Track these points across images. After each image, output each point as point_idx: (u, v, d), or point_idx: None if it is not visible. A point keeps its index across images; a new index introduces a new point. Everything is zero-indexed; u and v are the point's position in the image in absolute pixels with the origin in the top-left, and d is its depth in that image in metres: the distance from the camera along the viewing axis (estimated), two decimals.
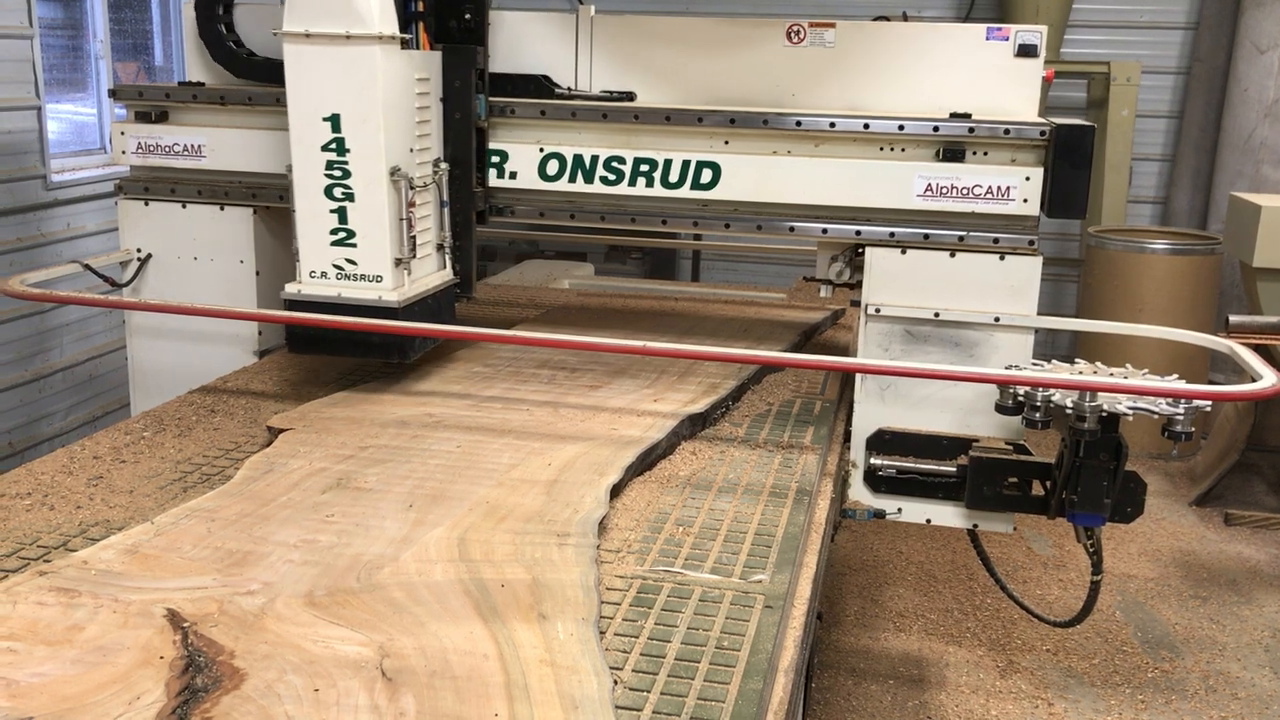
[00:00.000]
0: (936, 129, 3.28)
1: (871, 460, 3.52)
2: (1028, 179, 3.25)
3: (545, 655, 1.93)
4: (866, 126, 3.32)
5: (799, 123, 3.36)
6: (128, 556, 2.25)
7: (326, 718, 1.74)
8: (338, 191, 3.20)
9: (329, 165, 3.18)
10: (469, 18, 3.45)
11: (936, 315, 3.37)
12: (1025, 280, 3.32)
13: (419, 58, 3.32)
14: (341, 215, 3.21)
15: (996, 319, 3.34)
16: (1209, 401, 2.97)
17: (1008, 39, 3.38)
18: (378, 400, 3.33)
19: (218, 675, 1.84)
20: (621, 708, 1.84)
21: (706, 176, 3.43)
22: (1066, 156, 3.20)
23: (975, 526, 3.54)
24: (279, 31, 3.11)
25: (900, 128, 3.30)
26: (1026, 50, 3.38)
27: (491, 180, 3.59)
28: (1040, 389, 3.04)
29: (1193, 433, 2.93)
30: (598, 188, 3.51)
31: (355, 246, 3.23)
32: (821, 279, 3.72)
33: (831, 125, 3.34)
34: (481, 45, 3.49)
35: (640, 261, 8.69)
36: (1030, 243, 3.31)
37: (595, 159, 3.49)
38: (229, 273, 3.82)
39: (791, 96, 3.56)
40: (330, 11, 3.06)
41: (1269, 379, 2.80)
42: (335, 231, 3.23)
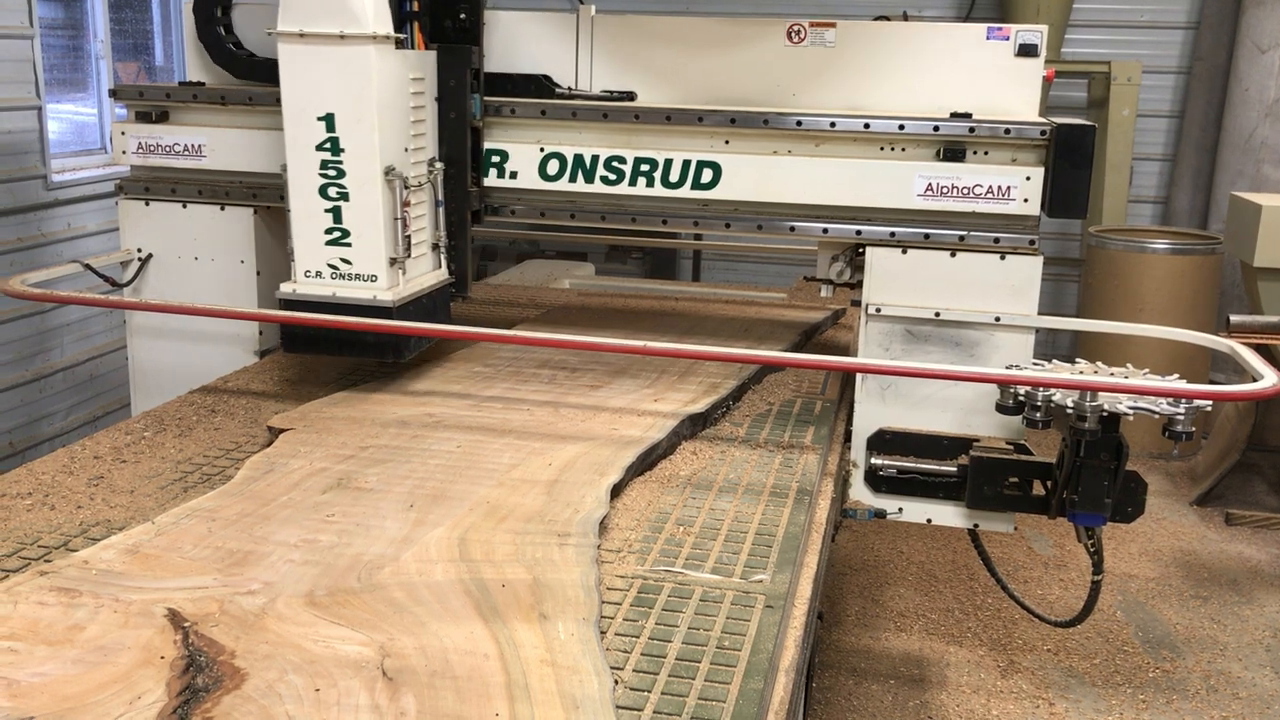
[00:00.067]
0: (937, 129, 3.28)
1: (872, 460, 3.52)
2: (1028, 179, 3.25)
3: (546, 655, 1.93)
4: (867, 126, 3.32)
5: (799, 122, 3.36)
6: (128, 556, 2.25)
7: (327, 717, 1.74)
8: (332, 191, 3.20)
9: (323, 165, 3.18)
10: (464, 17, 3.46)
11: (937, 315, 3.37)
12: (1026, 280, 3.32)
13: (413, 57, 3.32)
14: (336, 215, 3.21)
15: (997, 319, 3.34)
16: (1210, 401, 2.97)
17: (1008, 38, 3.38)
18: (378, 400, 3.33)
19: (218, 675, 1.84)
20: (622, 707, 1.84)
21: (707, 176, 3.43)
22: (1067, 156, 3.20)
23: (976, 526, 3.54)
24: (273, 31, 3.11)
25: (901, 127, 3.30)
26: (1027, 50, 3.38)
27: (492, 180, 3.59)
28: (1041, 389, 3.04)
29: (1193, 432, 2.93)
30: (598, 187, 3.51)
31: (350, 246, 3.23)
32: (822, 279, 3.72)
33: (832, 125, 3.34)
34: (476, 45, 3.49)
35: (641, 261, 8.69)
36: (1031, 242, 3.31)
37: (596, 159, 3.49)
38: (229, 273, 3.82)
39: (792, 96, 3.57)
40: (324, 11, 3.06)
41: (1270, 379, 2.80)
42: (330, 231, 3.23)
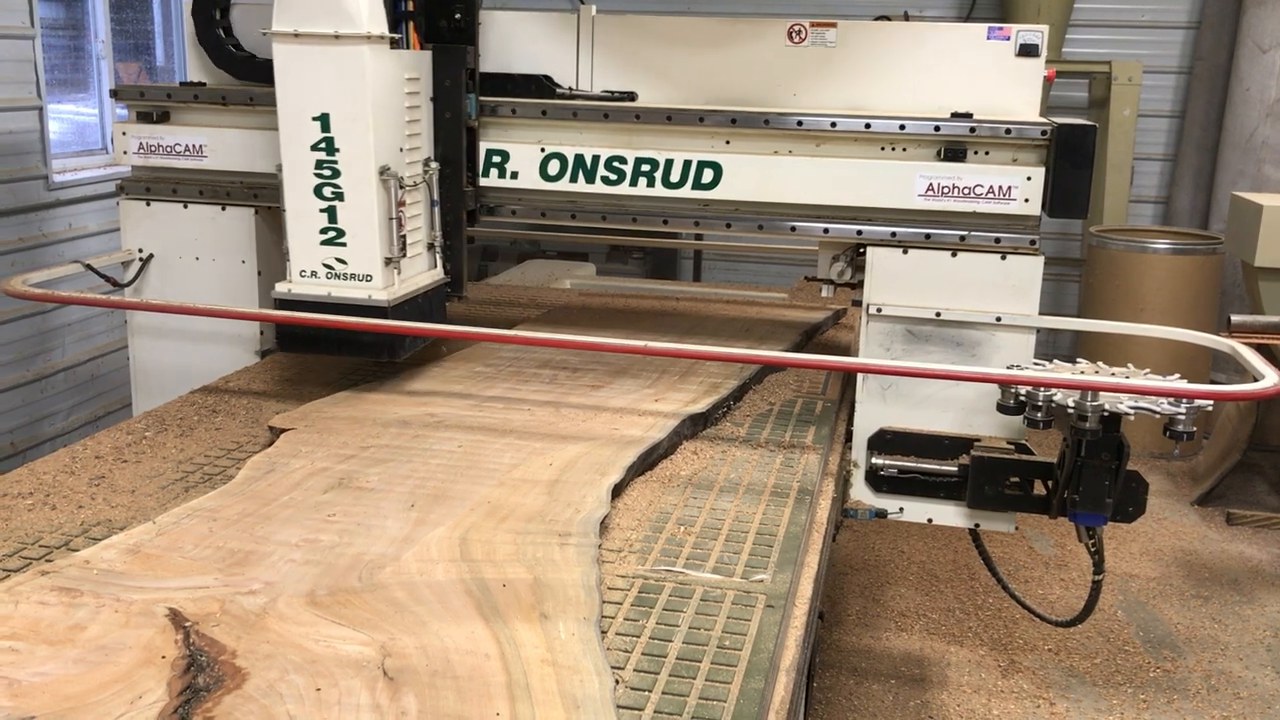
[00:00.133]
0: (938, 129, 3.28)
1: (873, 460, 3.52)
2: (1029, 179, 3.25)
3: (547, 655, 1.93)
4: (868, 126, 3.32)
5: (800, 122, 3.36)
6: (129, 556, 2.26)
7: (328, 717, 1.74)
8: (327, 191, 3.20)
9: (318, 164, 3.18)
10: (459, 17, 3.46)
11: (938, 315, 3.37)
12: (1027, 280, 3.31)
13: (409, 57, 3.32)
14: (331, 214, 3.22)
15: (998, 319, 3.33)
16: (1211, 401, 2.96)
17: (1009, 38, 3.38)
18: (379, 400, 3.33)
19: (219, 675, 1.84)
20: (623, 707, 1.84)
21: (708, 176, 3.43)
22: (1068, 156, 3.20)
23: (977, 526, 3.54)
24: (268, 31, 3.11)
25: (901, 127, 3.30)
26: (1028, 50, 3.38)
27: (493, 180, 3.59)
28: (1042, 389, 3.04)
29: (1194, 432, 2.93)
30: (599, 188, 3.51)
31: (345, 246, 3.23)
32: (823, 279, 3.71)
33: (833, 125, 3.34)
34: (472, 45, 3.49)
35: (641, 261, 8.69)
36: (1032, 242, 3.31)
37: (597, 159, 3.49)
38: (230, 273, 3.82)
39: (793, 96, 3.57)
40: (319, 11, 3.06)
41: (1271, 379, 2.80)
42: (325, 231, 3.23)
